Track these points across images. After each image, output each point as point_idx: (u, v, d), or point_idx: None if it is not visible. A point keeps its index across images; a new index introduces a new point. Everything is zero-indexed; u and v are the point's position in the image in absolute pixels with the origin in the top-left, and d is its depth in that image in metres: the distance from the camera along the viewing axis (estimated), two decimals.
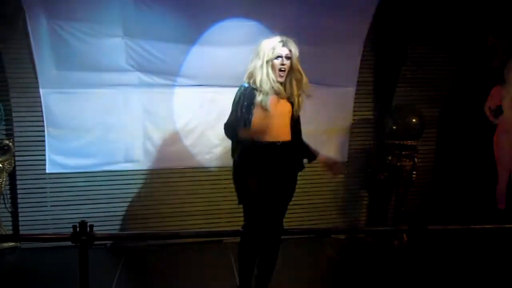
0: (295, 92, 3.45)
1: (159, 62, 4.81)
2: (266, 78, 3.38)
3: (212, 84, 4.93)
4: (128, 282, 4.32)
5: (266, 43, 3.42)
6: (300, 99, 3.48)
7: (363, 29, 5.11)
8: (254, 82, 3.43)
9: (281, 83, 3.43)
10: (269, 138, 3.42)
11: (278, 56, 3.38)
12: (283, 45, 3.40)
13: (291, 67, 3.42)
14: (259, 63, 3.40)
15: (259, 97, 3.40)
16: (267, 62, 3.38)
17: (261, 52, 3.40)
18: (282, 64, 3.38)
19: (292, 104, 3.49)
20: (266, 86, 3.38)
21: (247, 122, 3.40)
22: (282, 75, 3.40)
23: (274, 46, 3.39)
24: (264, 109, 3.39)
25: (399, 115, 5.16)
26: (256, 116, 3.41)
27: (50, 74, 4.67)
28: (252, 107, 3.41)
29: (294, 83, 3.45)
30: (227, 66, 4.71)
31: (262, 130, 3.41)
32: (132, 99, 4.89)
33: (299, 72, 3.44)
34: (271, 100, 3.42)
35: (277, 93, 3.44)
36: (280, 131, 3.45)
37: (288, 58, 3.39)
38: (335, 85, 5.22)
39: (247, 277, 3.62)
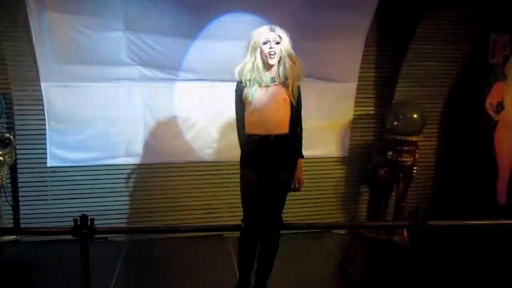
0: (289, 78, 3.39)
1: (160, 56, 4.80)
2: (252, 68, 3.37)
3: (213, 79, 4.93)
4: (129, 276, 4.33)
5: (254, 32, 3.43)
6: (294, 85, 3.41)
7: (365, 24, 5.09)
8: (242, 74, 3.43)
9: (271, 67, 3.38)
10: (263, 131, 3.41)
11: (266, 41, 3.36)
12: (271, 31, 3.39)
13: (283, 53, 3.38)
14: (249, 54, 3.41)
15: (244, 91, 3.41)
16: (255, 49, 3.37)
17: (251, 42, 3.40)
18: (271, 48, 3.35)
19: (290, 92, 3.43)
20: (251, 75, 3.36)
21: (242, 119, 3.49)
22: (272, 57, 3.36)
23: (261, 32, 3.39)
24: (250, 101, 3.38)
25: (400, 110, 5.15)
26: (248, 110, 3.43)
27: (51, 68, 4.67)
28: (242, 102, 3.45)
29: (288, 68, 3.39)
30: (228, 60, 4.60)
31: (256, 123, 3.41)
32: (133, 93, 4.90)
33: (293, 57, 3.40)
34: (259, 91, 3.39)
35: (265, 83, 3.39)
36: (275, 123, 3.41)
37: (277, 43, 3.37)
38: (337, 80, 5.22)
39: (246, 271, 3.62)
